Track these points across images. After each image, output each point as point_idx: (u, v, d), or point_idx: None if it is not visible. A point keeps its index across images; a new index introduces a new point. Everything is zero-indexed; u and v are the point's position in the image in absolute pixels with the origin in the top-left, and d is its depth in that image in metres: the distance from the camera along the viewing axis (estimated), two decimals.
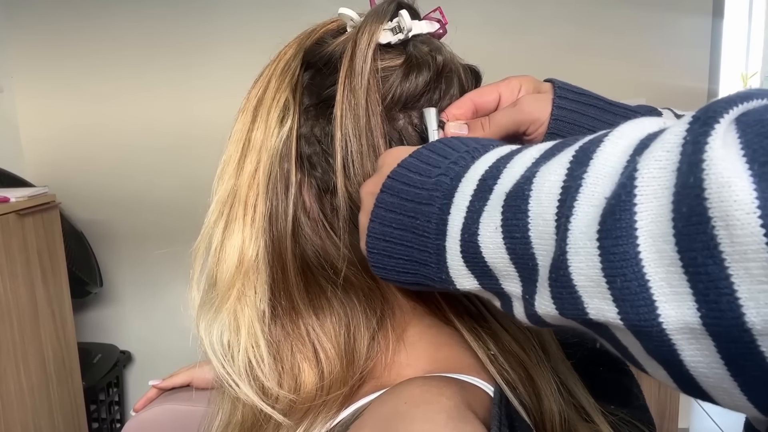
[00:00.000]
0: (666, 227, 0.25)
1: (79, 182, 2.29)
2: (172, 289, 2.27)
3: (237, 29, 2.17)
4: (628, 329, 0.28)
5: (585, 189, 0.30)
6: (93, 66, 2.25)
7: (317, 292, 0.56)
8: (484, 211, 0.36)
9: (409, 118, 0.55)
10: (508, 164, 0.37)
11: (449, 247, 0.39)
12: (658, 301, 0.26)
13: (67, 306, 1.94)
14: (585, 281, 0.29)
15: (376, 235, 0.44)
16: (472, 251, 0.37)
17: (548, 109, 0.57)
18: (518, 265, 0.35)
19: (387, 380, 0.55)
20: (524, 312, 0.36)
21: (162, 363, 2.18)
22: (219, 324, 0.56)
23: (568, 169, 0.31)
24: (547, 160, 0.34)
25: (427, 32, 0.57)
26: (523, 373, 0.53)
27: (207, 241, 0.58)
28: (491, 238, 0.36)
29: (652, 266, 0.26)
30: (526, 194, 0.33)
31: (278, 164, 0.55)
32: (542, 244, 0.32)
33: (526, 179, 0.34)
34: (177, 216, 2.13)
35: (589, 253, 0.28)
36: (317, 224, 0.55)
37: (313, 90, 0.56)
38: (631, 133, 0.30)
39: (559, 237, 0.30)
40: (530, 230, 0.33)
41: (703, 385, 0.27)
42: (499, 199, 0.35)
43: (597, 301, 0.29)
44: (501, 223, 0.34)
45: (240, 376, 0.55)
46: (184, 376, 1.00)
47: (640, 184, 0.27)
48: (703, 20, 2.09)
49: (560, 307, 0.31)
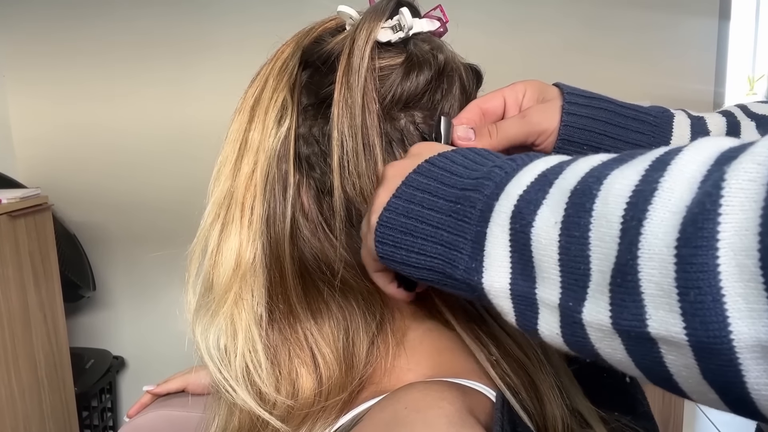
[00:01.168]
0: (751, 241, 0.25)
1: (72, 183, 2.29)
2: (166, 294, 2.26)
3: (233, 28, 2.17)
4: (691, 347, 0.27)
5: (661, 194, 0.29)
6: (87, 65, 2.25)
7: (315, 295, 0.56)
8: (543, 204, 0.35)
9: (411, 117, 0.55)
10: (573, 163, 0.36)
11: (492, 234, 0.38)
12: (731, 317, 0.26)
13: (59, 310, 1.93)
14: (654, 290, 0.28)
15: (397, 210, 0.44)
16: (522, 242, 0.36)
17: (556, 119, 0.57)
18: (565, 268, 0.34)
19: (387, 385, 0.55)
20: (559, 323, 0.35)
21: (156, 369, 2.17)
22: (215, 328, 0.56)
23: (643, 175, 0.30)
24: (620, 164, 0.33)
25: (428, 30, 0.57)
26: (526, 377, 0.53)
27: (203, 244, 0.58)
28: (547, 233, 0.35)
29: (730, 280, 0.26)
30: (594, 193, 0.32)
31: (276, 165, 0.55)
32: (601, 247, 0.31)
33: (596, 179, 0.33)
34: (172, 218, 2.13)
35: (664, 260, 0.28)
36: (316, 226, 0.55)
37: (312, 89, 0.56)
38: (711, 145, 0.30)
39: (626, 240, 0.30)
40: (591, 230, 0.32)
41: (761, 407, 0.27)
42: (562, 195, 0.34)
43: (662, 313, 0.28)
44: (562, 219, 0.34)
45: (237, 382, 0.55)
46: (179, 382, 1.00)
47: (727, 195, 0.26)
48: (710, 22, 2.09)
49: (617, 316, 0.30)
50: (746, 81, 3.40)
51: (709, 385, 0.28)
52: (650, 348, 0.29)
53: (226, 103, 0.64)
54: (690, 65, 2.09)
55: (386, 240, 0.44)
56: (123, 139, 2.27)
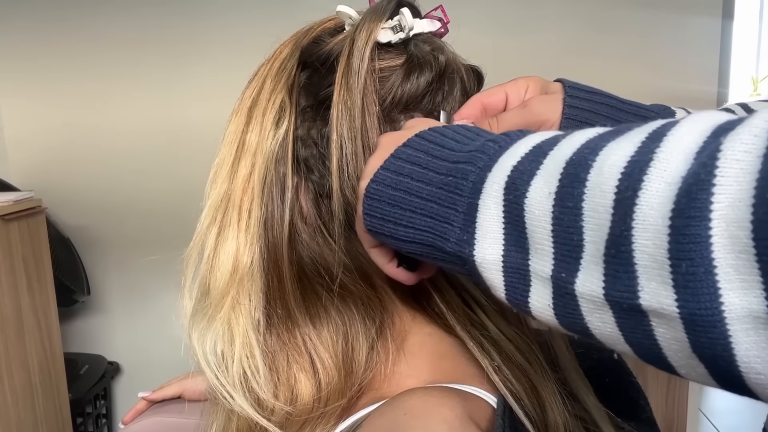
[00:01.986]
0: (744, 213, 0.25)
1: (65, 186, 2.29)
2: (162, 298, 2.26)
3: (229, 28, 2.17)
4: (681, 319, 0.28)
5: (657, 164, 0.29)
6: (80, 66, 2.25)
7: (314, 300, 0.56)
8: (537, 175, 0.35)
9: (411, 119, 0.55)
10: (568, 136, 0.36)
11: (484, 205, 0.38)
12: (722, 288, 0.26)
13: (53, 315, 1.93)
14: (648, 261, 0.28)
15: (385, 182, 0.43)
16: (515, 213, 0.36)
17: (558, 110, 0.57)
18: (558, 238, 0.34)
19: (386, 391, 0.55)
20: (551, 295, 0.35)
21: (152, 374, 2.17)
22: (212, 333, 0.56)
23: (639, 146, 0.31)
24: (616, 136, 0.33)
25: (429, 31, 0.57)
26: (528, 384, 0.53)
27: (199, 248, 0.58)
28: (540, 203, 0.34)
29: (722, 252, 0.26)
30: (589, 163, 0.32)
31: (274, 168, 0.55)
32: (594, 217, 0.31)
33: (591, 150, 0.33)
34: (168, 222, 2.12)
35: (658, 231, 0.28)
36: (314, 230, 0.56)
37: (310, 90, 0.56)
38: (708, 118, 0.30)
39: (620, 211, 0.30)
40: (585, 201, 0.32)
41: (750, 382, 0.27)
42: (557, 165, 0.34)
43: (654, 285, 0.28)
44: (556, 190, 0.34)
45: (234, 388, 0.55)
46: (175, 388, 1.00)
47: (722, 165, 0.26)
48: (713, 22, 2.09)
49: (610, 287, 0.30)
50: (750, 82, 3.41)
51: (699, 359, 0.28)
52: (641, 321, 0.30)
53: (222, 105, 0.64)
54: (693, 66, 2.10)
55: (374, 212, 0.44)
56: (118, 142, 2.27)
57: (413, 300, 0.57)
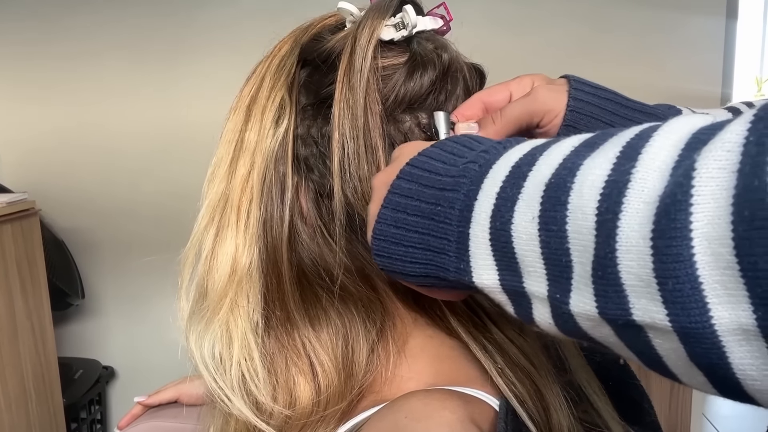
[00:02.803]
0: (724, 230, 0.25)
1: (60, 188, 2.29)
2: (158, 302, 2.26)
3: (226, 25, 2.17)
4: (675, 332, 0.28)
5: (634, 184, 0.30)
6: (75, 66, 2.25)
7: (313, 301, 0.56)
8: (519, 200, 0.36)
9: (416, 119, 0.55)
10: (545, 152, 0.37)
11: (474, 234, 0.39)
12: (710, 303, 0.26)
13: (47, 319, 1.93)
14: (634, 281, 0.29)
15: (386, 221, 0.44)
16: (503, 240, 0.37)
17: (563, 100, 0.57)
18: (549, 261, 0.34)
19: (387, 394, 0.55)
20: (550, 314, 0.36)
21: (147, 379, 2.17)
22: (210, 336, 0.56)
23: (614, 163, 0.31)
24: (591, 151, 0.34)
25: (432, 29, 0.57)
26: (531, 386, 0.53)
27: (197, 248, 0.57)
28: (526, 229, 0.35)
29: (706, 269, 0.26)
30: (568, 186, 0.33)
31: (273, 167, 0.55)
32: (579, 239, 0.32)
33: (569, 171, 0.33)
34: (164, 224, 2.13)
35: (641, 252, 0.28)
36: (314, 230, 0.55)
37: (311, 88, 0.56)
38: (681, 128, 0.30)
39: (603, 233, 0.30)
40: (568, 223, 0.33)
41: (748, 388, 0.27)
42: (537, 189, 0.35)
43: (644, 302, 0.29)
44: (539, 214, 0.34)
45: (233, 391, 0.55)
46: (172, 392, 0.99)
47: (698, 184, 0.27)
48: (717, 22, 2.09)
49: (602, 306, 0.31)
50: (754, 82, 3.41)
51: (697, 367, 0.29)
52: (638, 333, 0.30)
53: (219, 105, 0.64)
54: (696, 66, 2.10)
55: (382, 252, 0.45)
56: (113, 142, 2.26)
57: (414, 302, 0.57)
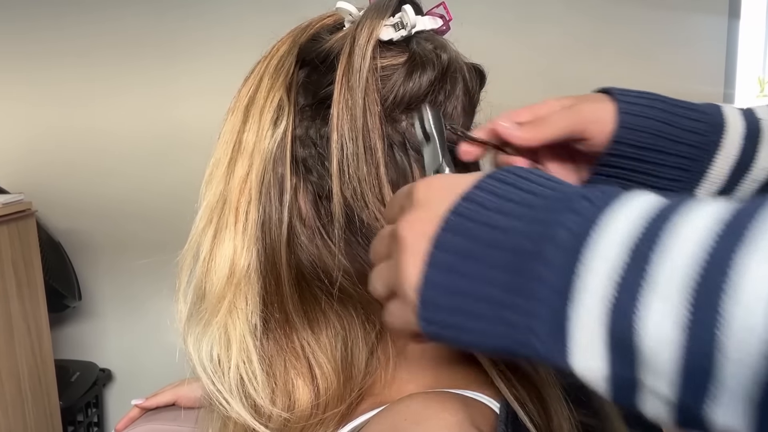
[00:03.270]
0: None
1: (56, 189, 2.29)
2: (155, 304, 2.25)
3: (224, 24, 2.17)
4: None
5: None
6: (71, 65, 2.25)
7: (312, 304, 0.56)
8: (647, 291, 0.30)
9: (414, 119, 0.55)
10: (668, 228, 0.30)
11: (578, 317, 0.32)
12: None
13: (43, 320, 1.93)
14: None
15: (436, 285, 0.37)
16: (622, 334, 0.31)
17: (609, 110, 0.56)
18: (687, 369, 0.29)
19: (387, 397, 0.55)
20: (673, 412, 0.31)
21: (144, 382, 2.16)
22: (208, 338, 0.56)
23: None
24: (739, 241, 0.28)
25: (431, 29, 0.57)
26: (532, 389, 0.53)
27: (194, 250, 0.58)
28: (663, 331, 0.29)
29: None
30: (722, 288, 0.28)
31: (272, 168, 0.55)
32: (739, 358, 0.27)
33: (719, 269, 0.28)
34: (162, 225, 2.12)
35: None
36: (313, 232, 0.55)
37: (309, 89, 0.56)
38: None
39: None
40: (726, 336, 0.27)
41: None
42: (677, 286, 0.29)
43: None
44: (686, 320, 0.28)
45: (231, 394, 0.55)
46: (169, 395, 1.00)
47: None
48: (719, 21, 2.09)
49: None
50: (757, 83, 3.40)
51: None
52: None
53: (216, 105, 0.64)
54: (698, 66, 2.10)
55: (435, 321, 0.38)
56: (109, 143, 2.26)
57: None
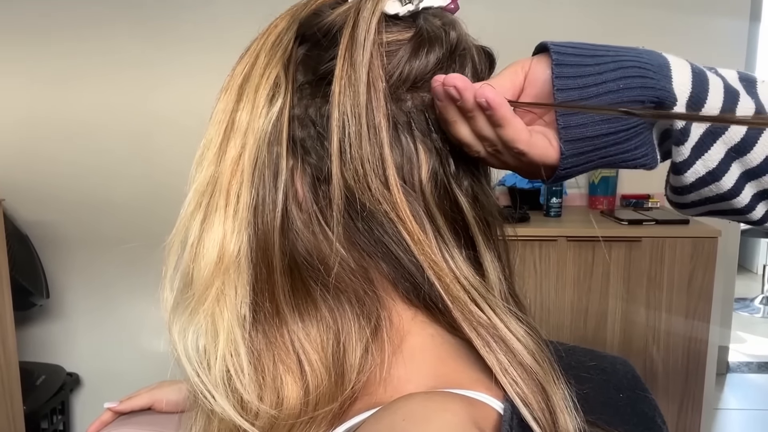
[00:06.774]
0: None
1: (24, 179, 2.29)
2: (128, 303, 2.25)
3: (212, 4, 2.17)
4: None
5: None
6: (43, 46, 2.25)
7: (304, 295, 0.56)
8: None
9: (420, 99, 0.56)
10: None
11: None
12: None
13: (8, 319, 1.92)
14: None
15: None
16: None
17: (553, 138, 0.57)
18: None
19: (383, 397, 0.55)
20: None
21: (115, 388, 2.16)
22: (194, 327, 0.56)
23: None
24: None
25: (439, 6, 0.58)
26: (537, 387, 0.53)
27: (183, 235, 0.58)
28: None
29: None
30: None
31: (266, 149, 0.55)
32: None
33: None
34: (136, 219, 2.12)
35: None
36: (310, 217, 0.56)
37: (309, 65, 0.57)
38: None
39: None
40: None
41: None
42: None
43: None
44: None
45: (216, 387, 0.55)
46: (146, 398, 0.99)
47: None
48: (740, 24, 2.13)
49: None
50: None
51: None
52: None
53: (202, 90, 0.64)
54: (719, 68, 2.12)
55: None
56: (82, 131, 2.26)
57: (415, 297, 0.57)
